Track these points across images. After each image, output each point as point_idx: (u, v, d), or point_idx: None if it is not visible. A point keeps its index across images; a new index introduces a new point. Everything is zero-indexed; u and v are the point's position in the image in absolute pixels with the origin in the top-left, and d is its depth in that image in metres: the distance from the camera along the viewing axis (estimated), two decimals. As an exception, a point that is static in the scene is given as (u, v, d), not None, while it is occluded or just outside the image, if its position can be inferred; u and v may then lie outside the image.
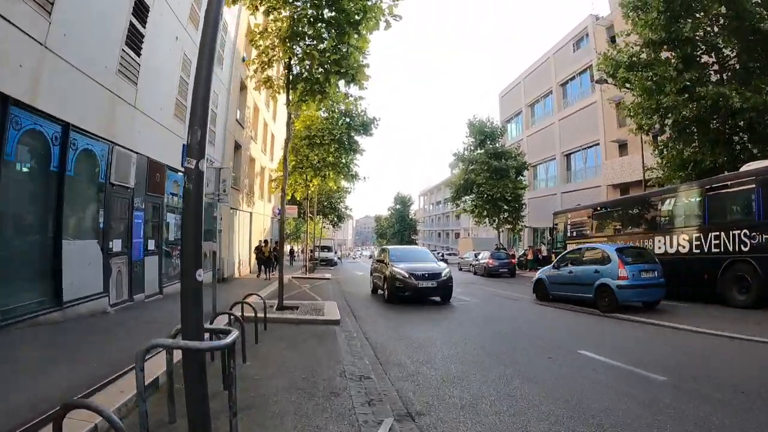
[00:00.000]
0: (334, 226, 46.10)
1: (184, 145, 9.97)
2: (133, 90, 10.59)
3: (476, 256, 31.17)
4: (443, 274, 13.01)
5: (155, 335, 6.58)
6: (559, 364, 6.11)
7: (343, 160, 23.03)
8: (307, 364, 5.86)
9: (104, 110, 9.48)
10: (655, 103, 17.52)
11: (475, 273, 28.48)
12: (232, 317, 6.32)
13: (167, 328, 4.54)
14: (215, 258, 16.94)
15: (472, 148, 36.09)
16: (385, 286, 13.40)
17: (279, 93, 11.85)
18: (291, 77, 10.92)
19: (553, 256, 20.84)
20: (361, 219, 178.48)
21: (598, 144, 34.28)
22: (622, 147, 32.14)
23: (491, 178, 32.83)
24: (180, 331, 3.45)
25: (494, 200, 32.73)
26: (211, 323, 6.00)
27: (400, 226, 77.77)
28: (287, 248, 39.03)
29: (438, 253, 52.61)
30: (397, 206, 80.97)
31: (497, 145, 35.33)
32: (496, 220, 34.70)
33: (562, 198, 37.32)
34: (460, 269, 34.67)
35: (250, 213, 24.29)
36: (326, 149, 22.33)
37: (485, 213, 34.06)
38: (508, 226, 35.63)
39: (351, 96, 11.03)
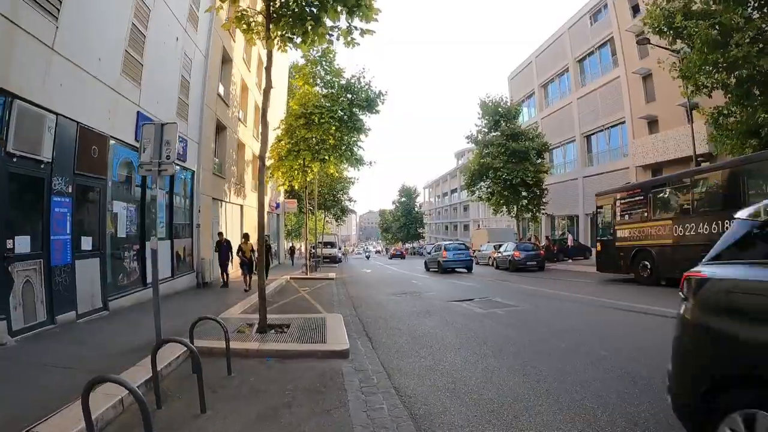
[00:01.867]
0: (337, 221, 42.82)
1: (138, 112, 6.67)
2: (49, 26, 7.43)
3: (498, 248, 28.01)
4: None
5: (51, 393, 3.47)
6: None
7: (345, 142, 19.85)
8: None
9: (-10, 44, 6.34)
10: (720, 56, 14.41)
11: (497, 267, 25.31)
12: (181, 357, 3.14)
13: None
14: (190, 259, 13.88)
15: (486, 130, 32.85)
16: None
17: (258, 36, 8.65)
18: (272, 8, 7.80)
19: (598, 245, 17.65)
20: (364, 215, 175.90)
21: (623, 122, 31.08)
22: (652, 124, 29.00)
23: (509, 161, 29.60)
24: None
25: (514, 185, 29.49)
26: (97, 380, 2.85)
27: (406, 220, 74.35)
28: (286, 246, 35.60)
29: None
30: (403, 198, 77.46)
31: (514, 125, 32.08)
32: (515, 208, 31.48)
33: (584, 183, 34.30)
34: (477, 263, 31.59)
35: (241, 206, 21.18)
36: (325, 130, 19.18)
37: (502, 200, 30.82)
38: (528, 215, 32.40)
39: (356, 30, 7.83)
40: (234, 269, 15.35)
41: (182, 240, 13.42)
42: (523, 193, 30.84)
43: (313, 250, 32.92)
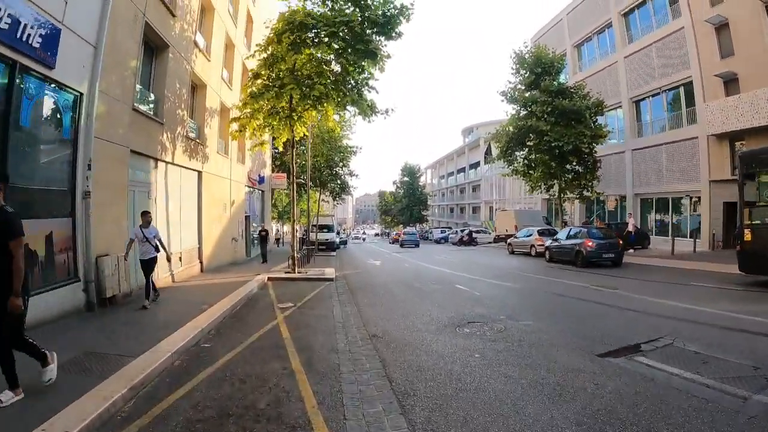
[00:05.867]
0: (335, 199, 35.86)
1: None
2: None
3: (546, 234, 21.78)
4: None
5: None
6: None
7: (352, 79, 13.29)
8: None
9: None
10: None
11: (551, 259, 18.93)
12: None
13: None
14: (69, 258, 7.40)
15: (522, 87, 26.34)
16: None
17: None
18: None
19: (747, 233, 11.30)
20: (360, 197, 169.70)
21: (690, 82, 24.44)
22: (730, 83, 22.47)
23: (557, 123, 23.18)
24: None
25: (563, 154, 23.08)
26: None
27: (408, 201, 67.54)
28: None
29: (461, 231, 43.39)
30: (405, 178, 70.58)
31: (561, 80, 25.61)
32: (560, 184, 25.09)
33: (633, 156, 27.96)
34: (512, 252, 25.27)
35: (199, 173, 14.62)
36: (323, 53, 12.74)
37: (547, 173, 24.38)
38: (573, 193, 25.94)
39: None
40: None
41: (45, 222, 6.99)
42: (567, 167, 24.56)
43: (305, 236, 26.46)
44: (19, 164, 6.51)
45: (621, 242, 17.08)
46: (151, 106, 11.29)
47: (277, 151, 29.98)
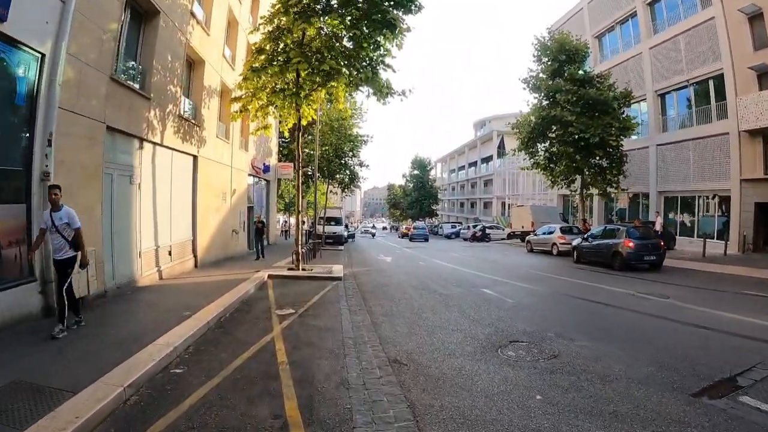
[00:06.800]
0: (344, 191, 34.18)
1: None
2: None
3: (571, 232, 20.33)
4: None
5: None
6: None
7: (366, 56, 11.81)
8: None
9: None
10: None
11: (579, 260, 17.44)
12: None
13: None
14: (18, 253, 6.00)
15: (544, 76, 24.73)
16: None
17: None
18: None
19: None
20: (368, 190, 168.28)
21: (720, 75, 22.74)
22: (764, 77, 20.85)
23: (582, 114, 21.60)
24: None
25: (588, 146, 21.50)
26: None
27: (418, 195, 65.91)
28: (281, 220, 25.14)
29: (474, 226, 41.95)
30: (415, 171, 68.86)
31: (586, 69, 23.99)
32: (584, 179, 23.53)
33: (658, 152, 26.25)
34: (532, 250, 23.79)
35: (194, 157, 13.27)
36: (335, 27, 11.35)
37: (572, 167, 22.80)
38: (596, 190, 24.37)
39: None
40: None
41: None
42: (592, 160, 23.00)
43: (311, 229, 25.09)
44: None
45: (663, 244, 15.52)
46: (137, 78, 9.93)
47: (283, 140, 28.58)
